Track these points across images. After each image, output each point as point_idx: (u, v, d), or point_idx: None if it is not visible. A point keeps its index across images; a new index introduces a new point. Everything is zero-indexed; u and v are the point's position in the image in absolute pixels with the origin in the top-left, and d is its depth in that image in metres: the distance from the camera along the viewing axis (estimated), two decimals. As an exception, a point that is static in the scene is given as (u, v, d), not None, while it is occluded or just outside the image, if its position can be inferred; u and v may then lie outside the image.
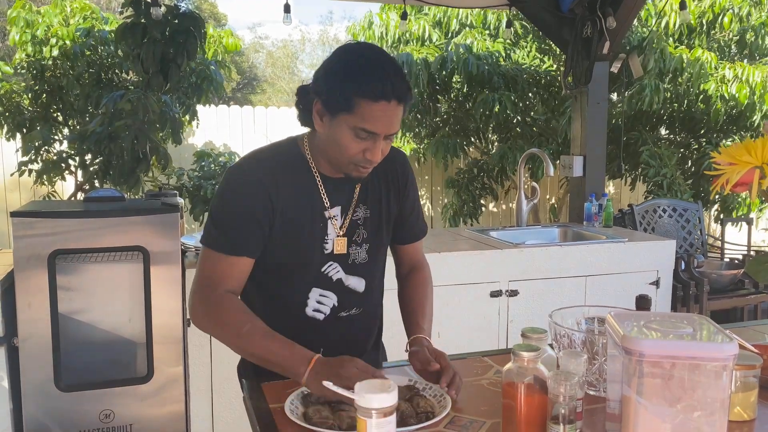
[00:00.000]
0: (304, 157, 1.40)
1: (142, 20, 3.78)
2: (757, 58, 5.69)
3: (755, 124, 5.29)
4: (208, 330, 1.35)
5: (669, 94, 5.03)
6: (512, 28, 5.70)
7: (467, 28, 5.87)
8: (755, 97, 5.04)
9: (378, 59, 1.27)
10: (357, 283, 1.47)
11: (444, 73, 5.33)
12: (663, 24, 5.23)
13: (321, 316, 1.45)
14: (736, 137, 5.47)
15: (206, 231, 1.37)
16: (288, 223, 1.37)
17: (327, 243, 1.41)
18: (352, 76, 1.24)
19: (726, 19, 5.33)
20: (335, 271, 1.44)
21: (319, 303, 1.44)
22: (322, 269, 1.42)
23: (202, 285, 1.34)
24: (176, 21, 3.86)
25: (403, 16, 4.40)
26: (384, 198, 1.48)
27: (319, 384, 1.16)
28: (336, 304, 1.46)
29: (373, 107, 1.23)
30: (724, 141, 5.54)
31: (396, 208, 1.52)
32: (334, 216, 1.41)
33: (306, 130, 1.43)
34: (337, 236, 1.42)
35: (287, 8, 3.97)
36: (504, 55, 5.61)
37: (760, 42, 5.64)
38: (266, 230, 1.35)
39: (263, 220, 1.34)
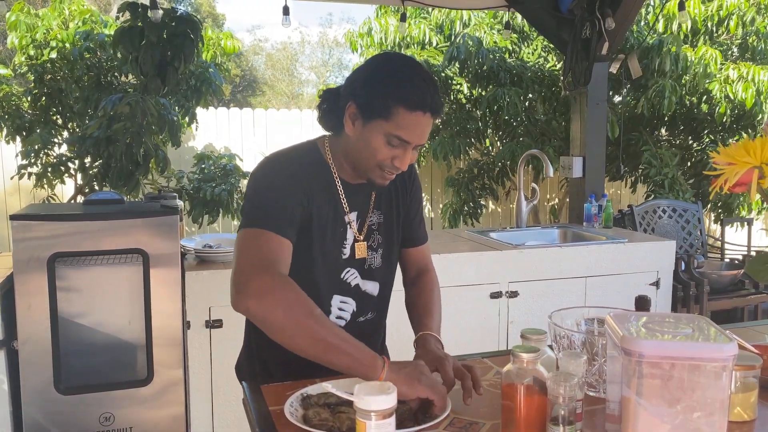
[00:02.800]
0: (325, 161, 1.40)
1: (139, 23, 3.79)
2: (759, 61, 5.69)
3: (761, 123, 5.29)
4: (270, 309, 1.17)
5: (676, 95, 5.03)
6: (518, 25, 5.73)
7: (473, 27, 5.88)
8: (761, 96, 5.04)
9: (418, 71, 1.29)
10: (372, 288, 1.49)
11: (453, 68, 5.32)
12: (675, 27, 5.24)
13: (342, 323, 1.46)
14: (744, 134, 5.46)
15: (248, 215, 1.30)
16: (318, 223, 1.36)
17: (345, 248, 1.42)
18: (393, 84, 1.26)
19: (732, 23, 5.34)
20: (353, 276, 1.45)
21: (341, 310, 1.45)
22: (341, 275, 1.43)
23: (260, 262, 1.22)
24: (173, 24, 3.86)
25: (402, 19, 4.40)
26: (394, 202, 1.50)
27: (406, 384, 1.14)
28: (355, 310, 1.47)
29: (410, 116, 1.25)
30: (730, 140, 5.54)
31: (404, 212, 1.54)
32: (352, 221, 1.42)
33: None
34: (357, 241, 1.43)
35: (286, 10, 3.97)
36: (510, 50, 5.62)
37: (763, 46, 5.65)
38: (300, 221, 1.32)
39: (300, 210, 1.32)
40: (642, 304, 1.37)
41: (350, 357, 1.16)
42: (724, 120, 5.27)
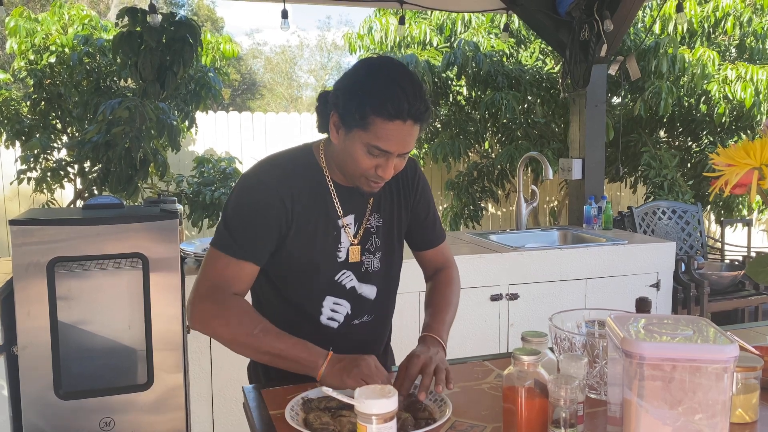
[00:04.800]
0: (319, 165, 1.40)
1: (138, 28, 3.79)
2: (757, 62, 5.70)
3: (760, 124, 5.30)
4: (215, 331, 1.29)
5: (673, 96, 5.05)
6: (516, 29, 5.74)
7: (473, 28, 5.89)
8: (760, 96, 5.04)
9: (397, 77, 1.24)
10: (369, 291, 1.48)
11: (452, 71, 5.34)
12: (671, 28, 5.26)
13: (335, 324, 1.45)
14: (743, 136, 5.47)
15: (218, 233, 1.35)
16: (302, 231, 1.36)
17: (340, 251, 1.41)
18: (369, 94, 1.23)
19: (728, 24, 5.35)
20: (348, 279, 1.44)
21: (333, 311, 1.44)
22: (335, 277, 1.42)
23: (209, 287, 1.31)
24: (172, 29, 3.86)
25: (401, 21, 4.41)
26: (396, 205, 1.48)
27: (336, 377, 1.21)
28: (349, 312, 1.46)
29: (388, 126, 1.23)
30: (729, 141, 5.55)
31: (407, 215, 1.52)
32: (347, 224, 1.41)
33: (314, 136, 1.44)
34: (351, 245, 1.42)
35: (285, 14, 3.98)
36: (508, 54, 5.63)
37: (761, 46, 5.66)
38: (277, 238, 1.34)
39: (276, 228, 1.33)
40: (642, 305, 1.37)
41: (293, 361, 1.26)
42: (722, 121, 5.28)
